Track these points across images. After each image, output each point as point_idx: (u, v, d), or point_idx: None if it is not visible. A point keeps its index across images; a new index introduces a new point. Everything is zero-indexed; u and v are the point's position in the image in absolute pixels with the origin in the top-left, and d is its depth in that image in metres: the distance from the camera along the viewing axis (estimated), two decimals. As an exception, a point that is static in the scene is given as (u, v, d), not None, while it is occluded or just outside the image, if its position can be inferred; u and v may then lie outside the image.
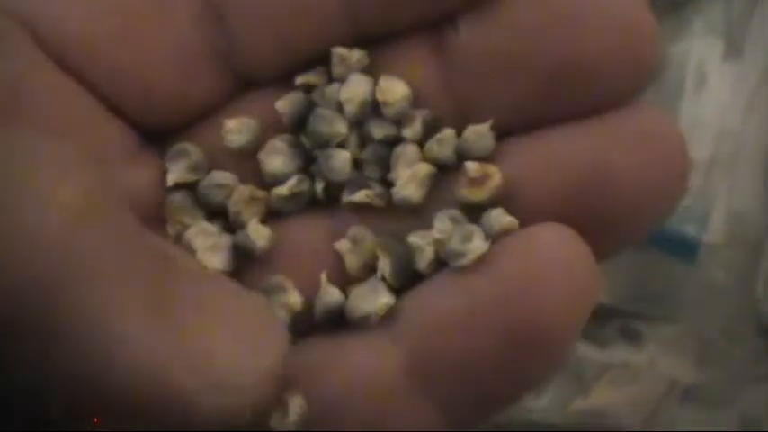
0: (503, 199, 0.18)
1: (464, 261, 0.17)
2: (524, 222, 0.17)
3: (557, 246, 0.16)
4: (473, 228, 0.17)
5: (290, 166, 0.19)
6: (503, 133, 0.18)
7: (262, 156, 0.19)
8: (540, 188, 0.18)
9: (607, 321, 0.38)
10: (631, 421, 0.40)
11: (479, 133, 0.18)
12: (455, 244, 0.17)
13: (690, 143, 0.39)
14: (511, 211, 0.17)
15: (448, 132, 0.18)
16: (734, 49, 0.40)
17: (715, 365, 0.39)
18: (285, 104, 0.19)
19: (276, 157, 0.19)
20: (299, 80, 0.19)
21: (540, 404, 0.37)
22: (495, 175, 0.18)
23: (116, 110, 0.18)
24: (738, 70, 0.39)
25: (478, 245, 0.17)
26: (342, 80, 0.19)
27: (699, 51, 0.39)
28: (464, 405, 0.17)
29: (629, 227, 0.17)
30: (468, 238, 0.17)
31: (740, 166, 0.38)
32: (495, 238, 0.17)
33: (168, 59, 0.18)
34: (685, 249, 0.38)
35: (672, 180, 0.17)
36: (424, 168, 0.18)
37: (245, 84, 0.19)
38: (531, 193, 0.18)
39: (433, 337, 0.17)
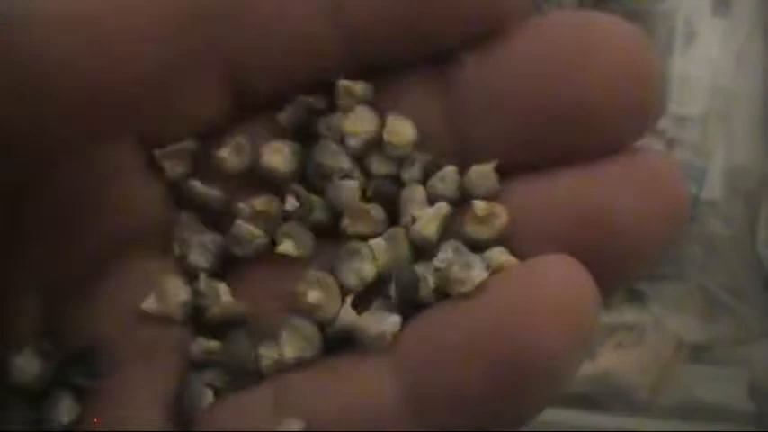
0: (505, 239, 0.18)
1: (464, 289, 0.17)
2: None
3: (557, 276, 0.16)
4: (474, 256, 0.17)
5: (288, 167, 0.19)
6: (505, 172, 0.18)
7: (263, 150, 0.19)
8: (542, 230, 0.17)
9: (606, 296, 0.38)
10: (641, 382, 0.40)
11: (483, 174, 0.18)
12: (456, 272, 0.17)
13: (682, 100, 0.39)
14: (511, 252, 0.17)
15: (450, 169, 0.18)
16: (722, 4, 0.40)
17: (721, 322, 0.39)
18: (285, 117, 0.19)
19: (277, 155, 0.19)
20: (300, 99, 0.19)
21: (547, 371, 0.37)
22: (503, 215, 0.18)
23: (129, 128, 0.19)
24: (727, 24, 0.39)
25: (478, 273, 0.17)
26: (345, 111, 0.19)
27: (687, 7, 0.39)
28: None
29: (629, 268, 0.17)
30: (468, 266, 0.17)
31: (734, 120, 0.38)
32: (494, 273, 0.17)
33: (179, 84, 0.18)
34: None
35: (671, 223, 0.17)
36: (445, 209, 0.18)
37: (248, 108, 0.19)
38: (531, 236, 0.17)
39: (431, 368, 0.17)
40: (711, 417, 0.41)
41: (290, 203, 0.19)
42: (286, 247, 0.18)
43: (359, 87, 0.19)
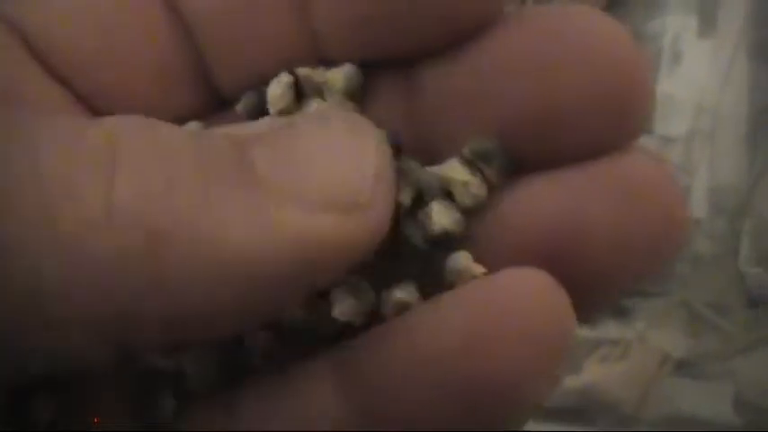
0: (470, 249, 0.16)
1: (387, 309, 0.16)
2: None
3: (524, 293, 0.15)
4: (409, 284, 0.17)
5: None
6: None
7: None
8: (510, 244, 0.16)
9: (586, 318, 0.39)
10: (626, 396, 0.40)
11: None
12: (389, 295, 0.16)
13: (667, 120, 0.40)
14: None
15: (412, 163, 0.17)
16: (708, 25, 0.40)
17: (705, 338, 0.40)
18: (242, 105, 0.19)
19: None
20: (258, 88, 0.19)
21: (533, 384, 0.38)
22: (483, 191, 0.17)
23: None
24: (713, 46, 0.40)
25: (401, 296, 0.16)
26: (309, 97, 0.18)
27: (674, 28, 0.40)
28: None
29: (609, 286, 0.15)
30: (399, 289, 0.16)
31: (719, 139, 0.39)
32: (457, 282, 0.16)
33: (149, 76, 0.18)
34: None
35: (661, 235, 0.15)
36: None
37: (222, 100, 0.19)
38: (500, 248, 0.16)
39: (383, 393, 0.15)
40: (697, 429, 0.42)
41: None
42: None
43: (318, 74, 0.18)
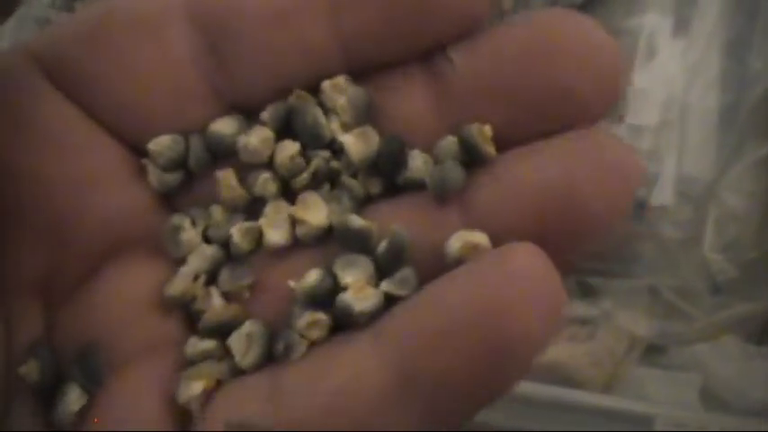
0: (476, 221, 0.19)
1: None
2: (496, 239, 0.19)
3: (527, 265, 0.17)
4: (408, 271, 0.19)
5: (232, 127, 0.20)
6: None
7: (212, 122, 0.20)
8: (512, 210, 0.19)
9: (563, 277, 0.40)
10: (592, 377, 0.41)
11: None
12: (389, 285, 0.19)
13: (639, 111, 0.42)
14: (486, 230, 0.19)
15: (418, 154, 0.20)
16: (682, 25, 0.42)
17: (669, 321, 0.41)
18: (267, 115, 0.20)
19: (223, 124, 0.20)
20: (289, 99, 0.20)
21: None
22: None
23: (117, 136, 0.20)
24: (686, 44, 0.42)
25: (370, 302, 0.19)
26: (334, 109, 0.20)
27: (650, 26, 0.42)
28: (444, 413, 0.18)
29: (589, 240, 0.19)
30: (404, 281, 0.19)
31: (687, 131, 0.41)
32: (465, 253, 0.18)
33: (166, 93, 0.20)
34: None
35: (627, 196, 0.18)
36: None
37: (240, 112, 0.20)
38: (502, 215, 0.19)
39: (417, 353, 0.18)
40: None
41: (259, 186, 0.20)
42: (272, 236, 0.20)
43: (340, 81, 0.20)
